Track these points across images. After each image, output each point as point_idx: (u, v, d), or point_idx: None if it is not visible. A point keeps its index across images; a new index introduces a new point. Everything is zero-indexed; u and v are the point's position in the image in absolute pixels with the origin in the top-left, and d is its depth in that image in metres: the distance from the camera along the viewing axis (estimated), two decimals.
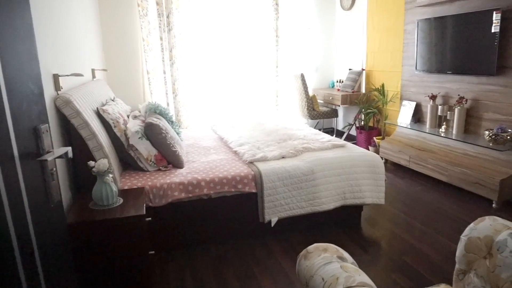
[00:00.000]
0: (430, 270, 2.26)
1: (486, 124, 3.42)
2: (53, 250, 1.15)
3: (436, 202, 3.28)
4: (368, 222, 2.93)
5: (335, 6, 5.68)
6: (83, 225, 1.83)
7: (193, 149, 3.17)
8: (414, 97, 4.26)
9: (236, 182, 2.50)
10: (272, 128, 3.57)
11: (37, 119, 1.03)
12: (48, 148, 1.04)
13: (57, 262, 1.20)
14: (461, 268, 1.42)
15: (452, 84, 3.73)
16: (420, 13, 4.00)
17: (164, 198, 2.37)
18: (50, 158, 0.99)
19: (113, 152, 2.42)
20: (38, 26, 1.82)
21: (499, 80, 3.23)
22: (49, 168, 1.03)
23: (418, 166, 3.87)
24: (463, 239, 1.41)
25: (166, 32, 4.64)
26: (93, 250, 1.87)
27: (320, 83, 5.87)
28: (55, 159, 1.04)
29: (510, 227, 1.31)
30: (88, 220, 1.84)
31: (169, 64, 4.75)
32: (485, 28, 3.19)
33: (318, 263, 1.14)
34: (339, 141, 3.07)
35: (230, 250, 2.53)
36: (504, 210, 3.05)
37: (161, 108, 3.06)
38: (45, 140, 1.03)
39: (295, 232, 2.72)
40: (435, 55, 3.82)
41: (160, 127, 2.61)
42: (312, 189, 2.61)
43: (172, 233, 2.48)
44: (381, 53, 4.86)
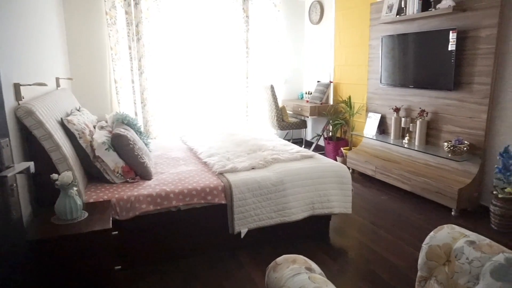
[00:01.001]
0: (395, 278, 2.34)
1: (445, 136, 3.60)
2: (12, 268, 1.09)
3: (401, 211, 3.40)
4: (336, 231, 2.99)
5: (304, 20, 5.84)
6: (45, 241, 1.75)
7: (162, 160, 3.12)
8: (379, 109, 4.42)
9: (206, 193, 2.48)
10: (242, 139, 3.58)
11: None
12: (8, 163, 1.00)
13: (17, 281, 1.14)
14: (423, 275, 1.48)
15: (414, 97, 3.92)
16: (384, 30, 4.19)
17: (132, 211, 2.31)
18: (10, 174, 0.94)
19: (78, 164, 2.34)
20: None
21: (456, 94, 3.43)
22: (9, 184, 0.98)
23: (383, 176, 4.01)
24: (424, 247, 1.48)
25: (135, 41, 4.58)
26: (56, 266, 1.79)
27: (289, 94, 5.98)
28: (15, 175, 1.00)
29: (466, 235, 1.39)
30: (51, 236, 1.77)
31: (138, 73, 4.68)
32: (443, 46, 3.38)
33: (287, 275, 1.15)
34: (307, 152, 3.12)
35: (200, 263, 2.50)
36: (462, 218, 3.21)
37: (129, 119, 3.00)
38: (4, 155, 0.98)
39: (265, 244, 2.73)
40: (398, 70, 4.01)
41: (127, 138, 2.56)
42: (281, 199, 2.64)
43: (140, 247, 2.42)
44: (348, 67, 5.02)
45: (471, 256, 1.30)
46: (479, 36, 3.16)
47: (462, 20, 3.30)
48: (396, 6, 3.88)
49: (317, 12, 5.47)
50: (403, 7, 3.81)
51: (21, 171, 0.98)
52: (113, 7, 4.43)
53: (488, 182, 3.26)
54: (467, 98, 3.33)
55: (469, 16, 3.23)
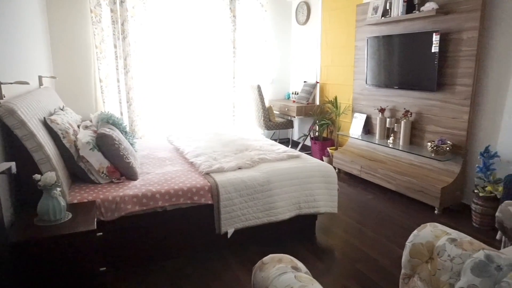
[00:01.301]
0: (380, 276, 2.37)
1: (428, 136, 3.67)
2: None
3: (386, 209, 3.45)
4: (322, 231, 3.02)
5: (291, 21, 5.86)
6: (27, 243, 1.71)
7: (148, 160, 3.10)
8: (364, 110, 4.48)
9: (192, 193, 2.47)
10: (229, 139, 3.58)
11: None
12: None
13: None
14: (406, 272, 1.51)
15: (399, 98, 3.98)
16: (369, 31, 4.24)
17: (117, 211, 2.28)
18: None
19: (61, 164, 2.30)
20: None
21: (439, 95, 3.50)
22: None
23: (369, 175, 4.06)
24: (408, 245, 1.50)
25: (120, 40, 4.53)
26: (40, 269, 1.75)
27: (276, 94, 6.00)
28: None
29: (448, 233, 1.42)
30: (34, 238, 1.73)
31: (123, 72, 4.63)
32: (427, 48, 3.45)
33: (273, 274, 1.16)
34: (294, 152, 3.14)
35: (187, 264, 2.48)
36: (444, 216, 3.28)
37: (114, 118, 2.96)
38: None
39: (252, 243, 2.73)
40: (384, 71, 4.06)
41: (113, 137, 2.53)
42: (268, 199, 2.64)
43: (125, 248, 2.40)
44: (334, 67, 5.07)
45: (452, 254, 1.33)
46: (461, 38, 3.23)
47: (445, 22, 3.37)
48: (381, 8, 3.94)
49: (304, 12, 5.50)
50: (388, 9, 3.86)
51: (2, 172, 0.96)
52: (98, 5, 4.37)
53: (470, 181, 3.34)
54: (450, 99, 3.40)
55: (452, 19, 3.30)
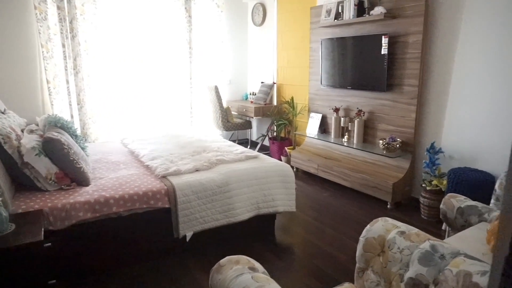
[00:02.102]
0: (337, 271, 2.44)
1: (380, 134, 3.84)
2: None
3: (342, 206, 3.56)
4: (281, 230, 3.05)
5: (247, 22, 5.89)
6: None
7: (101, 164, 2.97)
8: (320, 110, 4.59)
9: (148, 198, 2.40)
10: (186, 140, 3.52)
11: None
12: None
13: None
14: (361, 266, 1.56)
15: (352, 98, 4.13)
16: (323, 33, 4.36)
17: (67, 219, 2.17)
18: None
19: (2, 172, 2.15)
20: None
21: (389, 95, 3.67)
22: None
23: (325, 173, 4.17)
24: (361, 240, 1.56)
25: (69, 39, 4.31)
26: None
27: (234, 95, 6.00)
28: None
29: (397, 226, 1.49)
30: None
31: (73, 73, 4.41)
32: (377, 50, 3.60)
33: (230, 276, 1.16)
34: (252, 153, 3.16)
35: (144, 271, 2.41)
36: (396, 210, 3.45)
37: (62, 121, 2.81)
38: None
39: (211, 246, 2.70)
40: (337, 72, 4.19)
41: (61, 142, 2.40)
42: (226, 200, 2.63)
43: (77, 258, 2.28)
44: (290, 68, 5.16)
45: (402, 246, 1.40)
46: (407, 41, 3.42)
47: (392, 26, 3.54)
48: (334, 11, 4.06)
49: (260, 14, 5.55)
50: (340, 12, 3.99)
51: None
52: (43, 1, 4.12)
53: (418, 176, 3.54)
54: (399, 99, 3.58)
55: (399, 23, 3.48)
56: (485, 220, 1.99)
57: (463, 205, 2.10)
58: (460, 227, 2.08)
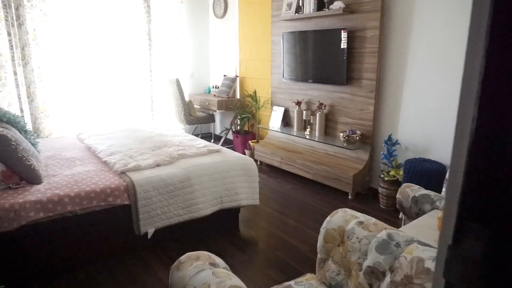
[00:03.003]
0: (300, 262, 2.48)
1: (341, 127, 3.93)
2: None
3: (305, 198, 3.62)
4: (245, 223, 3.05)
5: (208, 14, 5.79)
6: None
7: (54, 161, 2.81)
8: (282, 103, 4.62)
9: (106, 195, 2.31)
10: (146, 135, 3.42)
11: None
12: None
13: None
14: (322, 257, 1.59)
15: (314, 91, 4.19)
16: (284, 27, 4.37)
17: (16, 220, 2.03)
18: None
19: None
20: None
21: (348, 89, 3.76)
22: None
23: (288, 166, 4.22)
24: (322, 231, 1.59)
25: (15, 27, 4.02)
26: None
27: (196, 88, 5.90)
28: None
29: (356, 217, 1.53)
30: None
31: (22, 64, 4.13)
32: (337, 44, 3.67)
33: (190, 273, 1.13)
34: (214, 146, 3.12)
35: (102, 271, 2.32)
36: (357, 201, 3.55)
37: (9, 116, 2.62)
38: None
39: (174, 242, 2.65)
40: (299, 65, 4.23)
41: (8, 138, 2.23)
42: (189, 195, 2.59)
43: (30, 260, 2.15)
44: (253, 61, 5.14)
45: (360, 235, 1.44)
46: (365, 36, 3.50)
47: (351, 21, 3.61)
48: (295, 5, 4.08)
49: (221, 6, 5.47)
50: (301, 5, 4.02)
51: None
52: None
53: (377, 167, 3.66)
54: (358, 92, 3.67)
55: (357, 17, 3.56)
56: (437, 208, 2.09)
57: (417, 194, 2.19)
58: (415, 215, 2.18)
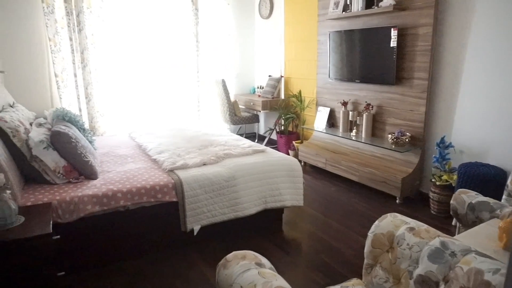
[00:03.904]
0: (345, 266, 2.43)
1: (389, 128, 3.79)
2: None
3: (350, 201, 3.54)
4: (288, 224, 3.04)
5: (254, 15, 5.84)
6: None
7: (109, 158, 2.98)
8: (328, 103, 4.55)
9: (156, 191, 2.40)
10: (193, 134, 3.52)
11: None
12: None
13: None
14: (369, 262, 1.55)
15: (360, 91, 4.08)
16: (331, 26, 4.30)
17: (75, 212, 2.18)
18: None
19: (12, 165, 2.16)
20: None
21: (397, 89, 3.62)
22: None
23: (333, 168, 4.14)
24: (370, 235, 1.54)
25: (76, 32, 4.31)
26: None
27: (241, 88, 5.97)
28: None
29: (407, 222, 1.47)
30: None
31: (81, 66, 4.42)
32: (386, 43, 3.54)
33: (237, 271, 1.15)
34: (259, 147, 3.14)
35: (150, 264, 2.42)
36: (405, 205, 3.41)
37: (70, 115, 2.82)
38: None
39: (218, 240, 2.71)
40: (345, 65, 4.14)
41: (69, 135, 2.40)
42: (233, 195, 2.63)
43: (85, 250, 2.30)
44: (298, 61, 5.11)
45: (411, 242, 1.38)
46: (417, 33, 3.35)
47: (401, 18, 3.47)
48: (342, 3, 4.00)
49: (267, 6, 5.49)
50: (349, 4, 3.93)
51: None
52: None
53: (428, 171, 3.49)
54: (408, 92, 3.52)
55: (408, 14, 3.41)
56: (497, 217, 1.95)
57: (474, 201, 2.06)
58: (471, 223, 2.05)
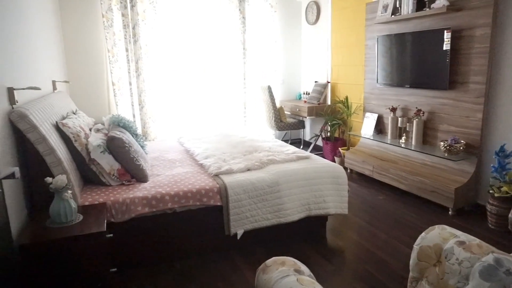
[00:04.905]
0: (390, 278, 2.34)
1: (441, 135, 3.60)
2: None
3: (398, 210, 3.40)
4: (332, 232, 2.99)
5: (301, 21, 5.84)
6: (37, 244, 1.75)
7: (158, 162, 3.13)
8: (376, 109, 4.42)
9: (201, 195, 2.49)
10: (238, 140, 3.59)
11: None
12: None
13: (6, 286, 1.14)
14: (414, 276, 1.48)
15: (410, 97, 3.92)
16: (379, 30, 4.19)
17: (127, 213, 2.32)
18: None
19: (73, 167, 2.35)
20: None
21: (451, 94, 3.43)
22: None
23: (380, 175, 4.01)
24: (415, 248, 1.48)
25: (132, 43, 4.59)
26: (50, 270, 1.79)
27: (287, 95, 5.98)
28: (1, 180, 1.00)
29: (456, 235, 1.39)
30: (44, 240, 1.77)
31: (135, 75, 4.69)
32: (438, 46, 3.38)
33: (275, 277, 1.16)
34: (303, 153, 3.13)
35: (194, 266, 2.50)
36: (459, 217, 3.21)
37: (124, 121, 3.01)
38: None
39: (260, 245, 2.73)
40: (394, 70, 4.01)
41: (123, 140, 2.57)
42: (277, 200, 2.64)
43: (135, 250, 2.43)
44: (345, 67, 5.03)
45: (460, 257, 1.30)
46: (473, 35, 3.16)
47: (456, 19, 3.30)
48: (391, 6, 3.89)
49: (314, 12, 5.47)
50: (398, 7, 3.81)
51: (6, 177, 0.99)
52: (110, 9, 4.44)
53: (485, 181, 3.26)
54: (463, 98, 3.33)
55: (463, 15, 3.23)
56: None
57: None
58: None
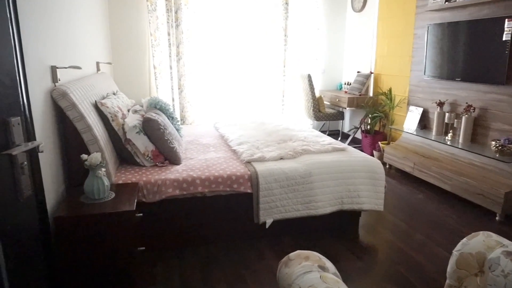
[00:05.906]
0: (424, 282, 2.21)
1: (493, 134, 3.33)
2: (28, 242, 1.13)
3: (438, 212, 3.20)
4: (365, 229, 2.88)
5: (346, 7, 5.61)
6: (70, 218, 1.81)
7: (193, 146, 3.15)
8: (421, 103, 4.17)
9: (232, 181, 2.47)
10: (273, 128, 3.53)
11: (6, 112, 1.00)
12: (19, 141, 1.01)
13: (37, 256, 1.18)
14: (451, 283, 1.37)
15: (461, 91, 3.64)
16: (430, 18, 3.91)
17: (158, 194, 2.35)
18: (15, 152, 0.96)
19: (110, 146, 2.41)
20: (33, 20, 1.81)
21: (508, 89, 3.14)
22: (19, 162, 1.00)
23: (421, 173, 3.79)
24: (455, 254, 1.36)
25: (174, 28, 4.63)
26: (80, 244, 1.85)
27: (327, 84, 5.81)
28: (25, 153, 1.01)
29: (504, 245, 1.26)
30: (76, 214, 1.83)
31: (176, 59, 4.74)
32: (497, 36, 3.10)
33: (298, 272, 1.10)
34: (339, 145, 3.01)
35: (221, 251, 2.50)
36: (508, 224, 2.96)
37: (161, 104, 3.04)
38: (15, 134, 1.00)
39: (288, 236, 2.68)
40: (445, 61, 3.73)
41: (158, 122, 2.59)
42: (308, 192, 2.56)
43: (163, 231, 2.47)
44: (390, 57, 4.77)
45: (507, 269, 1.18)
46: None
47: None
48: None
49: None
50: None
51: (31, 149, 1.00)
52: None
53: None
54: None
55: None
56: None
57: None
58: None
